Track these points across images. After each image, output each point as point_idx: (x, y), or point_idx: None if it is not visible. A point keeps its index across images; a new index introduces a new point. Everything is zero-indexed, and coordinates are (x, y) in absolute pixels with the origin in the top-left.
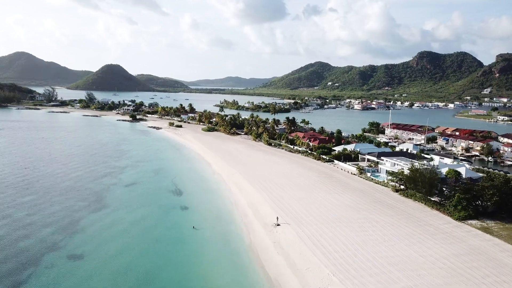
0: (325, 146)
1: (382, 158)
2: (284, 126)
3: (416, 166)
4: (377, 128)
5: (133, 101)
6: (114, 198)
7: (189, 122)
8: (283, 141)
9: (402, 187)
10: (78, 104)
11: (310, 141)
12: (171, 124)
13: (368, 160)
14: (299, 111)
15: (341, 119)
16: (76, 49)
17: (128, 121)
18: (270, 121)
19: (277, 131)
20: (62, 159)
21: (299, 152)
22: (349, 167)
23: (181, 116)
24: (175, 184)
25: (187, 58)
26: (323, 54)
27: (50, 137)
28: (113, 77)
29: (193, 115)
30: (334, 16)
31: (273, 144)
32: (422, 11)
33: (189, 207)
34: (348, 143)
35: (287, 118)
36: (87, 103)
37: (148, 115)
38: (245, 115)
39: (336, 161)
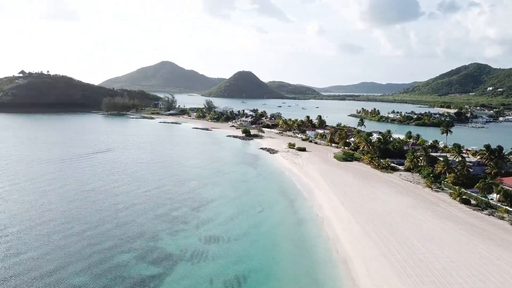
0: None
1: None
2: (473, 159)
3: None
4: None
5: (254, 111)
6: None
7: (316, 142)
8: (496, 197)
9: None
10: (195, 114)
11: None
12: (291, 145)
13: None
14: (466, 125)
15: None
16: (211, 57)
17: (239, 137)
18: (444, 145)
19: (470, 170)
20: (62, 220)
21: None
22: None
23: (307, 132)
24: None
25: (315, 64)
26: (465, 55)
27: (107, 161)
28: (244, 83)
29: (322, 131)
30: (476, 11)
31: (474, 203)
32: None
33: None
34: None
35: (486, 147)
36: (203, 113)
37: (267, 129)
38: (394, 130)
39: None
